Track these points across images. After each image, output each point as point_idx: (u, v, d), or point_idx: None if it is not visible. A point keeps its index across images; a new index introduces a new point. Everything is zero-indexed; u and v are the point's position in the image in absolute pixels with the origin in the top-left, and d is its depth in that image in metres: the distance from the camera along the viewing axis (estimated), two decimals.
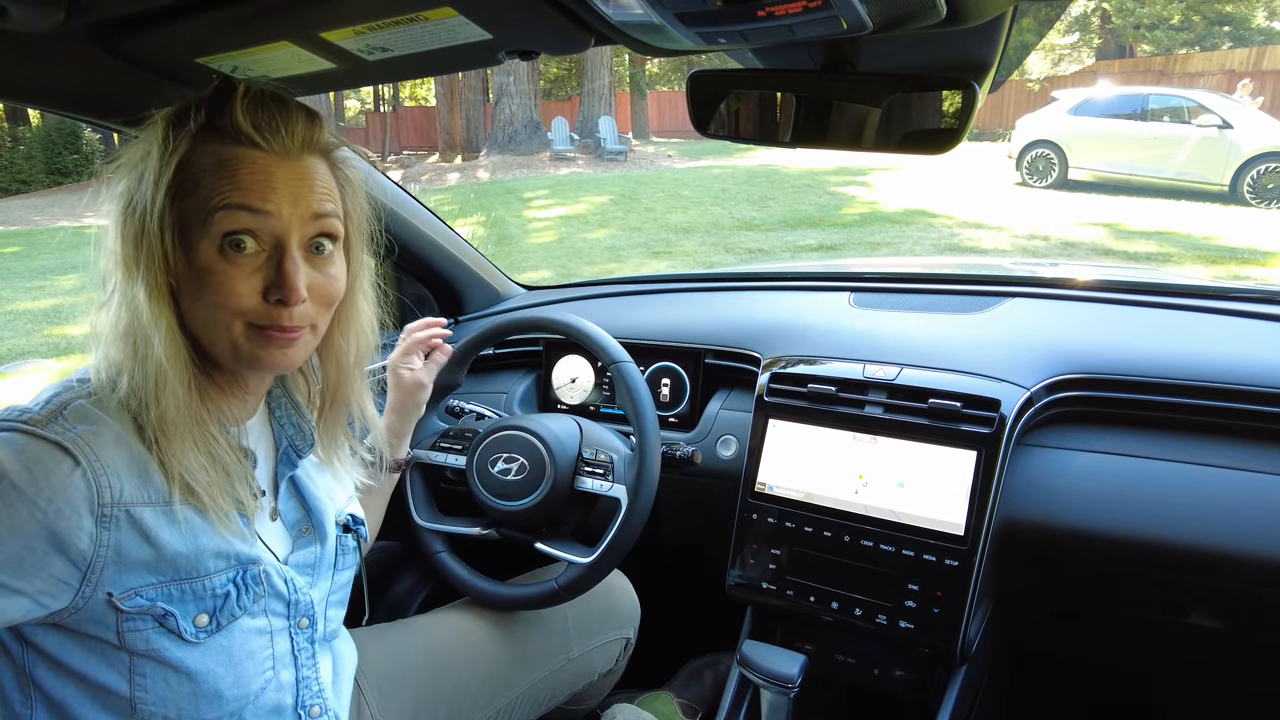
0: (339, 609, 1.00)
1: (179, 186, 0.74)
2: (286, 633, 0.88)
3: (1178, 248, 7.47)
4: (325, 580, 0.95)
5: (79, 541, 0.70)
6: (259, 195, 0.74)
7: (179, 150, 0.74)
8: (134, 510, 0.73)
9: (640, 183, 12.71)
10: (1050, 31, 17.41)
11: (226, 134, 0.75)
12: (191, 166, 0.74)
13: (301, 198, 0.77)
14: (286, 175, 0.77)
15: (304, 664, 0.91)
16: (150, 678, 0.78)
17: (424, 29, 0.79)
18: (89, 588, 0.72)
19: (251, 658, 0.84)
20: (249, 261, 0.75)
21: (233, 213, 0.74)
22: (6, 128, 16.30)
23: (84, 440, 0.71)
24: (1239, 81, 13.14)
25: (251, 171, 0.75)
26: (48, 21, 0.73)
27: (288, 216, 0.76)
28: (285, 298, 0.76)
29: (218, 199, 0.73)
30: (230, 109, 0.75)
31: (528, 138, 16.34)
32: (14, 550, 0.68)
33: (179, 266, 0.75)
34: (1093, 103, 10.98)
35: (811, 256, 7.70)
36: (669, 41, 0.77)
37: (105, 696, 0.78)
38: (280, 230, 0.76)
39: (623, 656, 1.43)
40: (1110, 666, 1.44)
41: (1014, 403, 1.21)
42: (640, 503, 1.20)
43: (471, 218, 10.59)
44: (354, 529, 1.00)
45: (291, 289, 0.76)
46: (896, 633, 1.18)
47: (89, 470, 0.70)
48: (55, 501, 0.69)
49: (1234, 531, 1.10)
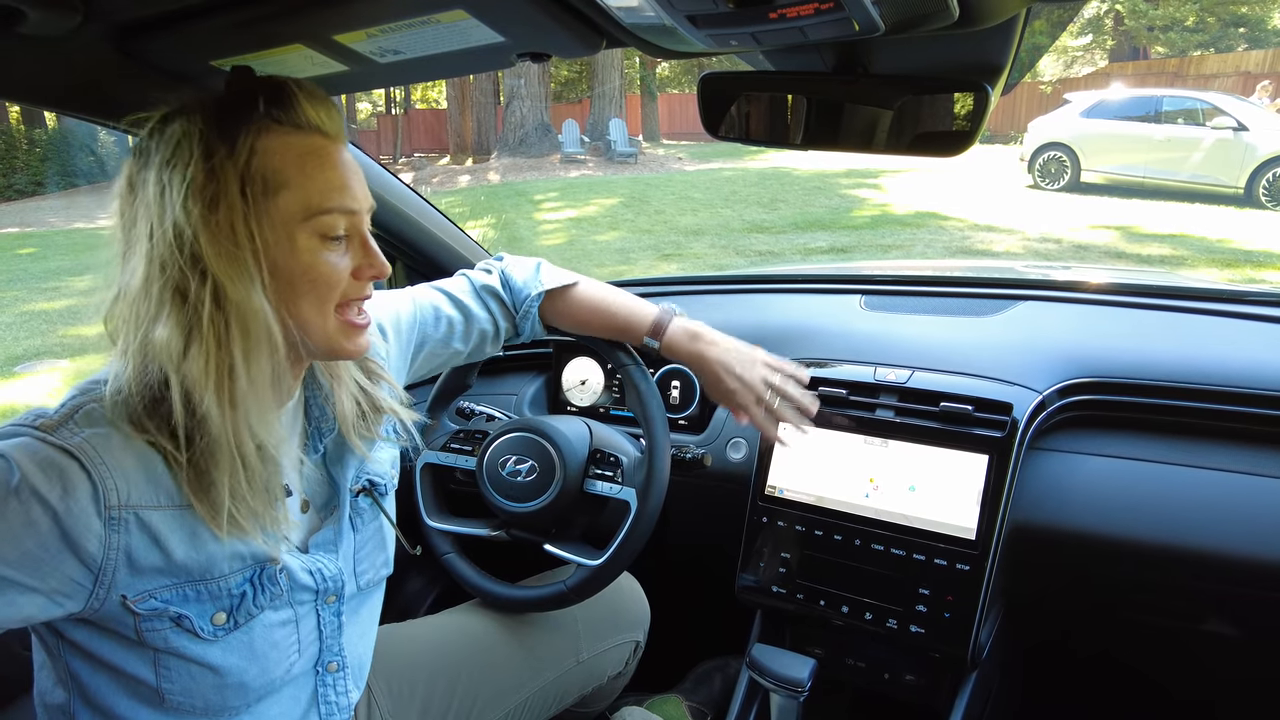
0: (369, 562, 0.98)
1: (261, 182, 0.75)
2: (313, 613, 0.89)
3: (1191, 251, 7.41)
4: (348, 545, 0.94)
5: (88, 543, 0.71)
6: (350, 195, 0.80)
7: (248, 143, 0.75)
8: (143, 514, 0.74)
9: (650, 185, 12.72)
10: (1063, 33, 17.32)
11: (295, 124, 0.77)
12: (270, 158, 0.75)
13: (361, 185, 0.83)
14: (351, 165, 0.81)
15: (329, 635, 0.92)
16: (175, 670, 0.79)
17: (436, 31, 0.79)
18: (102, 590, 0.73)
19: (276, 648, 0.85)
20: (342, 249, 0.81)
21: (334, 216, 0.79)
22: (23, 130, 16.45)
23: (89, 444, 0.72)
24: (1257, 83, 13.01)
25: (332, 167, 0.79)
26: (65, 25, 0.74)
27: (362, 204, 0.82)
28: (380, 271, 0.84)
29: (318, 200, 0.77)
30: (294, 100, 0.77)
31: (538, 140, 16.38)
32: (29, 548, 0.69)
33: (281, 260, 0.77)
34: (1106, 105, 10.90)
35: (822, 259, 7.68)
36: (680, 43, 0.77)
37: (136, 686, 0.79)
38: (359, 219, 0.83)
39: (632, 659, 1.43)
40: (1122, 672, 1.42)
41: (1026, 406, 1.20)
42: (650, 505, 1.19)
43: (482, 220, 10.62)
44: (368, 490, 0.98)
45: (382, 263, 0.84)
46: (907, 637, 1.18)
47: (94, 473, 0.71)
48: (65, 501, 0.70)
49: (1249, 537, 1.09)
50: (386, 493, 1.01)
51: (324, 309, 0.80)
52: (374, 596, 1.02)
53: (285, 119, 0.76)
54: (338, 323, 0.82)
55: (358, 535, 0.96)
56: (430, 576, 1.79)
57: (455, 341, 1.19)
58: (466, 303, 1.19)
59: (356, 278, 0.82)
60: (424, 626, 1.29)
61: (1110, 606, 1.27)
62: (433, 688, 1.17)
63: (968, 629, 1.14)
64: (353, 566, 0.94)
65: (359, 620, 0.98)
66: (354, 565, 0.95)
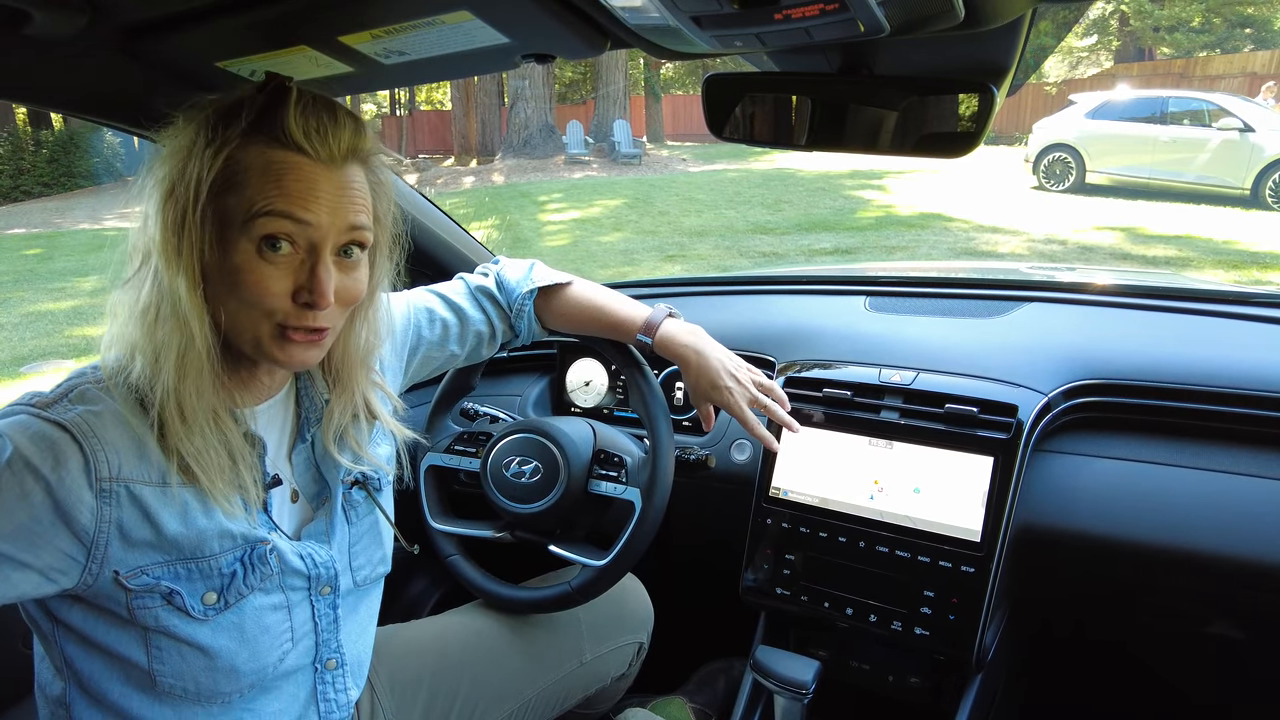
0: (365, 557, 0.98)
1: (223, 182, 0.75)
2: (307, 602, 0.90)
3: (1197, 252, 7.39)
4: (341, 537, 0.94)
5: (81, 515, 0.73)
6: (302, 205, 0.76)
7: (227, 147, 0.75)
8: (134, 487, 0.75)
9: (654, 186, 12.72)
10: (1068, 34, 17.30)
11: (275, 138, 0.76)
12: (237, 164, 0.75)
13: (340, 209, 0.79)
14: (329, 185, 0.78)
15: (324, 629, 0.92)
16: (166, 651, 0.80)
17: (441, 33, 0.80)
18: (95, 565, 0.75)
19: (267, 633, 0.85)
20: (284, 262, 0.77)
21: (275, 219, 0.75)
22: (30, 132, 16.52)
23: (82, 419, 0.74)
24: (1263, 84, 12.97)
25: (297, 179, 0.76)
26: (72, 27, 0.74)
27: (325, 226, 0.78)
28: (314, 301, 0.78)
29: (262, 203, 0.75)
30: (282, 114, 0.75)
31: (542, 141, 16.40)
32: (22, 520, 0.71)
33: (213, 259, 0.76)
34: (1111, 106, 10.88)
35: (826, 260, 7.67)
36: (685, 44, 0.77)
37: (128, 670, 0.80)
38: (317, 238, 0.78)
39: (636, 660, 1.43)
40: (1127, 673, 1.42)
41: (1031, 408, 1.20)
42: (654, 505, 1.19)
43: (486, 221, 10.64)
44: (362, 482, 0.98)
45: (321, 294, 0.78)
46: (912, 639, 1.17)
47: (85, 445, 0.73)
48: (57, 472, 0.72)
49: (1255, 540, 1.08)
50: (381, 488, 1.01)
51: (252, 317, 0.78)
52: (372, 594, 1.02)
53: (266, 130, 0.76)
54: (270, 330, 0.79)
55: (352, 528, 0.96)
56: (434, 578, 1.79)
57: (451, 344, 1.19)
58: (461, 305, 1.20)
59: (294, 299, 0.78)
60: (427, 627, 1.29)
61: (1115, 609, 1.27)
62: (436, 688, 1.17)
63: (972, 631, 1.13)
64: (348, 560, 0.95)
65: (357, 618, 0.98)
66: (349, 559, 0.95)
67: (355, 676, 0.99)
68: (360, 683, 1.01)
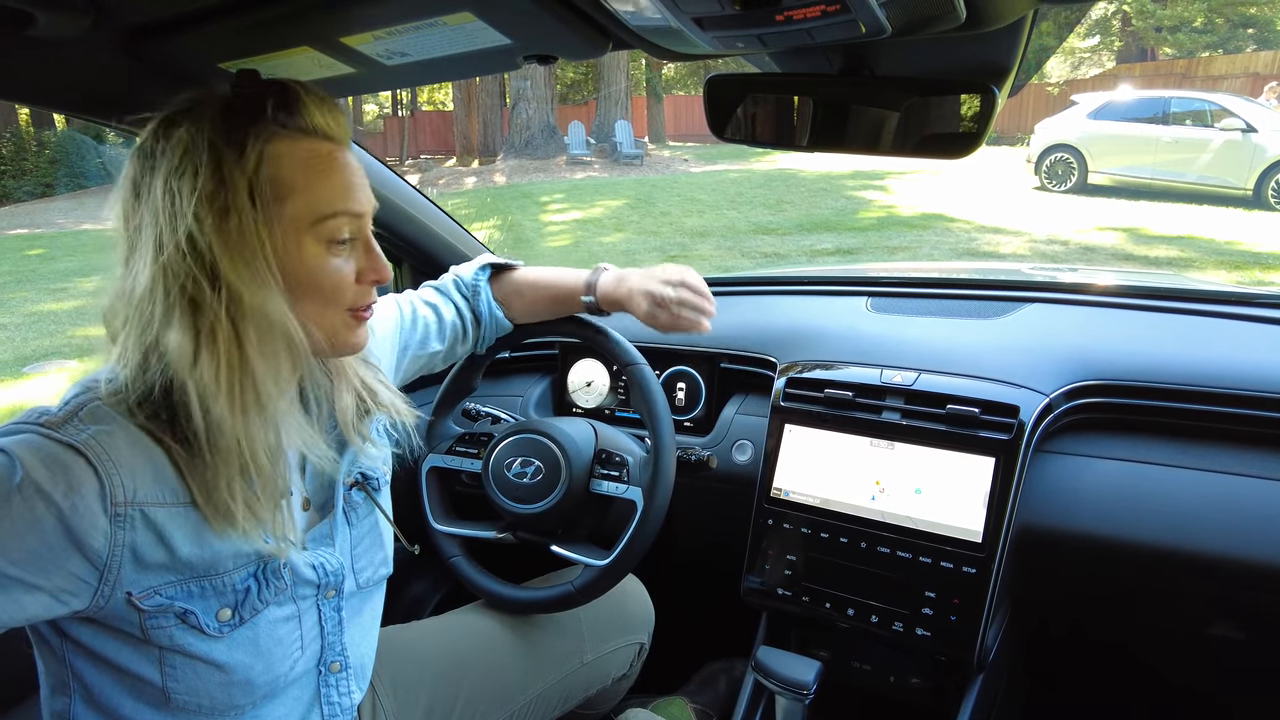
0: (367, 559, 0.98)
1: (271, 188, 0.75)
2: (314, 608, 0.90)
3: (1199, 253, 7.38)
4: (344, 539, 0.94)
5: (94, 540, 0.71)
6: (354, 199, 0.81)
7: (257, 149, 0.75)
8: (148, 510, 0.74)
9: (656, 187, 12.72)
10: (1070, 35, 17.27)
11: (300, 128, 0.78)
12: (278, 164, 0.76)
13: (365, 188, 0.84)
14: (356, 168, 0.82)
15: (329, 632, 0.92)
16: (180, 669, 0.79)
17: (442, 34, 0.80)
18: (107, 587, 0.73)
19: (280, 644, 0.85)
20: (348, 252, 0.83)
21: (340, 219, 0.80)
22: (32, 132, 16.53)
23: (96, 441, 0.71)
24: (1265, 84, 12.95)
25: (339, 171, 0.80)
26: (75, 28, 0.74)
27: (368, 209, 0.84)
28: (381, 277, 0.85)
29: (325, 207, 0.79)
30: (301, 105, 0.78)
31: (544, 142, 16.41)
32: (33, 546, 0.69)
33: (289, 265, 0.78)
34: (1113, 106, 10.86)
35: (828, 261, 7.67)
36: (686, 45, 0.77)
37: (140, 686, 0.79)
38: (364, 222, 0.84)
39: (637, 661, 1.43)
40: (1129, 673, 1.42)
41: (1033, 409, 1.20)
42: (656, 505, 1.20)
43: (488, 221, 10.64)
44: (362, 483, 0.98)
45: (384, 268, 0.85)
46: (913, 640, 1.17)
47: (101, 470, 0.71)
48: (71, 498, 0.69)
49: (1257, 541, 1.08)
50: (380, 488, 1.01)
51: (329, 311, 0.82)
52: (375, 597, 1.02)
53: (291, 124, 0.77)
54: (344, 318, 0.84)
55: (353, 530, 0.96)
56: (435, 579, 1.79)
57: (432, 341, 1.23)
58: (434, 301, 1.25)
59: (359, 282, 0.84)
60: (429, 627, 1.29)
61: (1117, 609, 1.27)
62: (437, 688, 1.17)
63: (974, 632, 1.13)
64: (350, 562, 0.94)
65: (360, 620, 0.98)
66: (352, 561, 0.95)
67: (359, 679, 0.99)
68: (364, 686, 1.01)
